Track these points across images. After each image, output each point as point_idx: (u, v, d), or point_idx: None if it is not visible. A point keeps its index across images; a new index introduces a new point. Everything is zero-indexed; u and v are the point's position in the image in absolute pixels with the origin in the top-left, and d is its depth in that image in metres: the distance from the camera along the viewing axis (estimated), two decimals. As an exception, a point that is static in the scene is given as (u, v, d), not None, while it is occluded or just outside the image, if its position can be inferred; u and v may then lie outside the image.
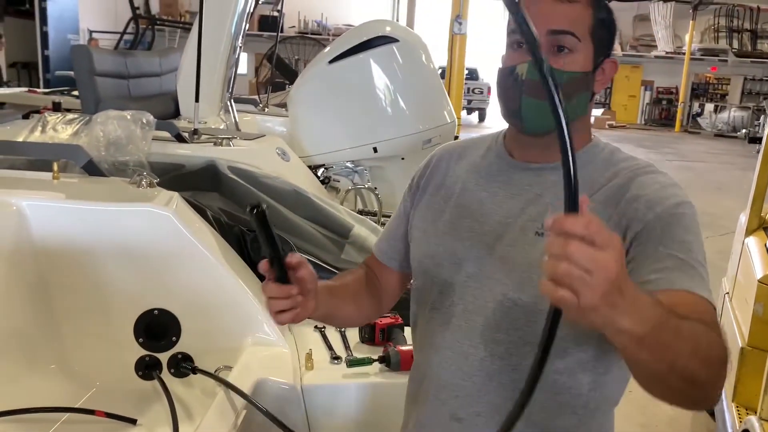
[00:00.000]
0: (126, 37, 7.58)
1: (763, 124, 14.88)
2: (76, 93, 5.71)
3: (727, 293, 3.05)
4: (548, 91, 0.68)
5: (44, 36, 11.83)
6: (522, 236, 1.04)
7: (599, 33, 1.03)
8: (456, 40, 5.11)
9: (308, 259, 1.92)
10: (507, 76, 1.04)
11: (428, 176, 1.21)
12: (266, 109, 4.35)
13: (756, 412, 2.08)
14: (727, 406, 2.53)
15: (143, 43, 7.37)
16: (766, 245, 2.66)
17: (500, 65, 1.07)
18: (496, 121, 19.42)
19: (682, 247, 0.94)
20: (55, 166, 1.77)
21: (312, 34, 15.61)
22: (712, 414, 3.05)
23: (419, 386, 1.16)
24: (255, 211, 0.89)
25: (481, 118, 19.20)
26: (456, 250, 1.09)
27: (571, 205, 0.67)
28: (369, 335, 1.68)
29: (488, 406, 1.05)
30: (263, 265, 0.98)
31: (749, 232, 2.91)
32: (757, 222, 2.93)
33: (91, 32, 14.84)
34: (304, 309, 1.02)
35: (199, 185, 2.43)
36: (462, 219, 1.10)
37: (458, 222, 1.10)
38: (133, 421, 1.39)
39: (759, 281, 2.44)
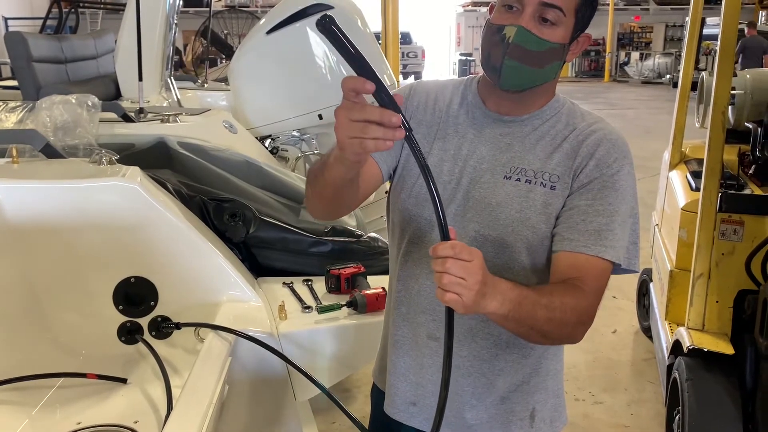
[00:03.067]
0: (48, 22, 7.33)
1: (686, 69, 15.49)
2: (2, 84, 5.54)
3: (657, 224, 3.31)
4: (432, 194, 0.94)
5: (-44, 28, 11.26)
6: (492, 179, 1.18)
7: (583, 10, 1.14)
8: (389, 3, 5.18)
9: (269, 221, 2.05)
10: (494, 33, 1.12)
11: (410, 106, 1.25)
12: (206, 85, 4.35)
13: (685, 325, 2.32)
14: (661, 324, 2.79)
15: (66, 28, 7.14)
16: (686, 177, 2.90)
17: (488, 18, 1.16)
18: (432, 84, 19.50)
19: (609, 210, 1.13)
20: (14, 151, 1.81)
21: (239, 6, 15.32)
22: (650, 336, 3.34)
23: (397, 311, 1.29)
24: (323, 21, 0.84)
25: (418, 82, 19.28)
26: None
27: (444, 235, 0.95)
28: (335, 285, 1.81)
29: (462, 328, 1.21)
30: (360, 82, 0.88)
31: (672, 166, 3.15)
32: (678, 157, 3.18)
33: (6, 20, 14.18)
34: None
35: (151, 163, 2.47)
36: (443, 162, 1.21)
37: (439, 165, 1.21)
38: (124, 380, 1.49)
39: (682, 209, 2.67)
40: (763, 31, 11.69)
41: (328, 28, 0.85)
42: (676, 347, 2.33)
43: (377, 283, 1.84)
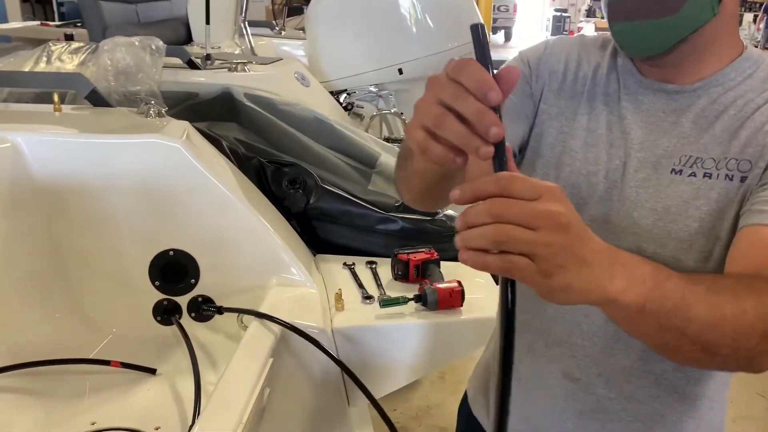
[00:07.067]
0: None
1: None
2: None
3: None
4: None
5: (55, -34, 11.45)
6: (655, 175, 0.86)
7: None
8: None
9: (333, 190, 1.80)
10: None
11: (542, 70, 0.96)
12: (283, 32, 4.12)
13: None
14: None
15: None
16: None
17: None
18: (523, 41, 18.73)
19: None
20: (56, 97, 1.63)
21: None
22: None
23: (520, 337, 1.03)
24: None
25: (507, 38, 18.52)
26: (579, 187, 0.90)
27: (500, 161, 0.56)
28: (402, 272, 1.55)
29: (612, 369, 0.93)
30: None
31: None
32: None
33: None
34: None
35: (216, 114, 2.28)
36: (588, 147, 0.90)
37: (583, 150, 0.90)
38: (153, 371, 1.30)
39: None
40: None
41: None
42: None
43: (451, 271, 1.57)
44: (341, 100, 3.27)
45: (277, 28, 4.17)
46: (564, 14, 19.57)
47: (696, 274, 0.72)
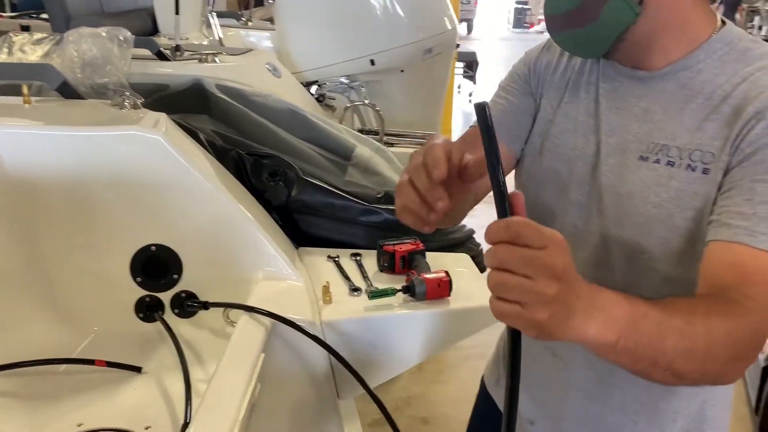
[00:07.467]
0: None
1: None
2: (46, 16, 5.33)
3: None
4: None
5: (5, -45, 11.04)
6: (623, 161, 0.88)
7: None
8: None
9: (315, 183, 1.78)
10: None
11: (538, 66, 1.01)
12: (250, 23, 4.05)
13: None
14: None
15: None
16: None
17: None
18: (484, 32, 18.86)
19: None
20: (25, 89, 1.57)
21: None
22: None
23: None
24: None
25: (469, 29, 18.62)
26: (560, 172, 0.94)
27: (502, 208, 0.63)
28: (388, 263, 1.54)
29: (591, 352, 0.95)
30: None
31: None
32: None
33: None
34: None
35: (187, 107, 2.23)
36: (566, 133, 0.94)
37: (562, 136, 0.94)
38: (138, 369, 1.27)
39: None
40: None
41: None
42: (777, 349, 2.01)
43: (436, 261, 1.57)
44: (312, 91, 3.24)
45: (243, 18, 4.11)
46: (524, 6, 19.78)
47: (674, 303, 0.73)
